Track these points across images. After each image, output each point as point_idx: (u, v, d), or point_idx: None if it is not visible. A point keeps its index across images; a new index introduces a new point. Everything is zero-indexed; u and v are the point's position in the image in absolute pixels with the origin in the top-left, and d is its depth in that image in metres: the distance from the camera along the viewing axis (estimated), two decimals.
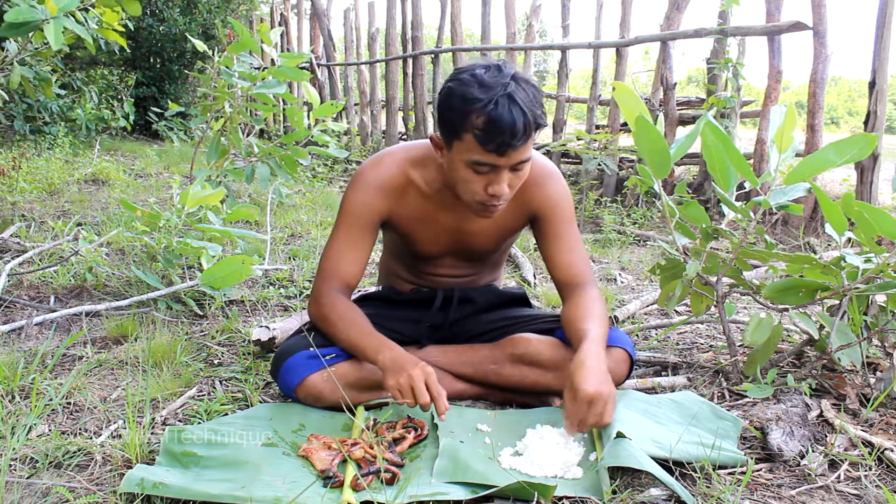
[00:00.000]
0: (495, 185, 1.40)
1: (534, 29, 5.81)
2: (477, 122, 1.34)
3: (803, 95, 3.89)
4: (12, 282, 2.41)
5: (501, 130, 1.32)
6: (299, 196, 4.55)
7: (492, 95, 1.33)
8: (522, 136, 1.34)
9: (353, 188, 1.59)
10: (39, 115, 4.82)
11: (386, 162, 1.59)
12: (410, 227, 1.62)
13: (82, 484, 1.21)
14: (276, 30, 3.04)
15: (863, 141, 1.46)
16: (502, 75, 1.36)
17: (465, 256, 1.70)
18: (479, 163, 1.38)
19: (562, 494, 1.20)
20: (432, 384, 1.37)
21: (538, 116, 1.37)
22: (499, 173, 1.40)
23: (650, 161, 1.59)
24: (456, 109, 1.36)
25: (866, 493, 1.24)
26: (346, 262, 1.58)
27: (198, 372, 1.76)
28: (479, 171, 1.40)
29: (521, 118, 1.33)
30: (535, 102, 1.37)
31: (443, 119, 1.41)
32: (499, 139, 1.33)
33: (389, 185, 1.57)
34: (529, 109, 1.34)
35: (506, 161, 1.38)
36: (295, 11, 9.96)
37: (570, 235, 1.61)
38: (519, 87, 1.35)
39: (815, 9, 3.63)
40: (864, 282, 1.57)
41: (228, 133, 3.13)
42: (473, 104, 1.33)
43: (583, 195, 4.57)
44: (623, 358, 1.57)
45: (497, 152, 1.35)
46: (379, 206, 1.58)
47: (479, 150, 1.36)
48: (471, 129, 1.35)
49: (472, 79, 1.36)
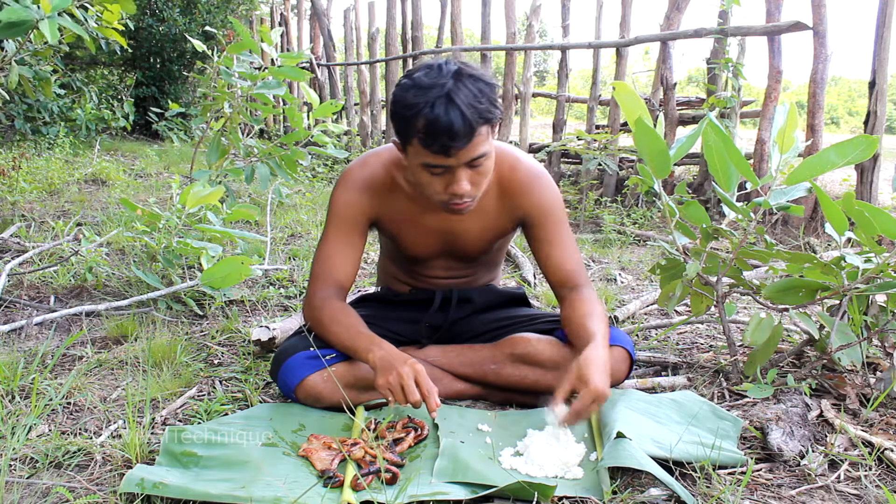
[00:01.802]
0: (454, 185, 1.39)
1: (534, 29, 5.80)
2: (418, 125, 1.32)
3: (803, 95, 3.89)
4: (12, 282, 2.41)
5: (441, 132, 1.30)
6: (299, 196, 4.55)
7: (428, 98, 1.31)
8: (465, 135, 1.32)
9: (339, 189, 1.59)
10: (39, 115, 4.82)
11: (371, 162, 1.59)
12: (397, 228, 1.62)
13: (82, 484, 1.21)
14: (277, 30, 3.04)
15: (864, 143, 1.46)
16: (441, 75, 1.34)
17: (456, 257, 1.69)
18: (431, 165, 1.37)
19: (562, 494, 1.20)
20: (422, 381, 1.36)
21: (483, 111, 1.33)
22: (454, 173, 1.38)
23: (650, 162, 1.59)
24: (399, 115, 1.36)
25: (866, 493, 1.24)
26: (337, 263, 1.58)
27: (198, 372, 1.76)
28: (435, 173, 1.39)
29: (460, 117, 1.30)
30: (479, 97, 1.34)
31: (395, 125, 1.40)
32: (440, 141, 1.31)
33: (374, 185, 1.58)
34: (470, 106, 1.31)
35: (455, 161, 1.36)
36: (295, 11, 9.96)
37: (563, 238, 1.60)
38: (460, 85, 1.32)
39: (815, 9, 3.62)
40: (864, 282, 1.57)
41: (228, 133, 3.13)
42: (412, 109, 1.32)
43: (583, 195, 4.57)
44: (623, 357, 1.57)
45: (443, 153, 1.33)
46: (364, 207, 1.58)
47: (426, 153, 1.35)
48: (415, 134, 1.34)
49: (410, 83, 1.35)
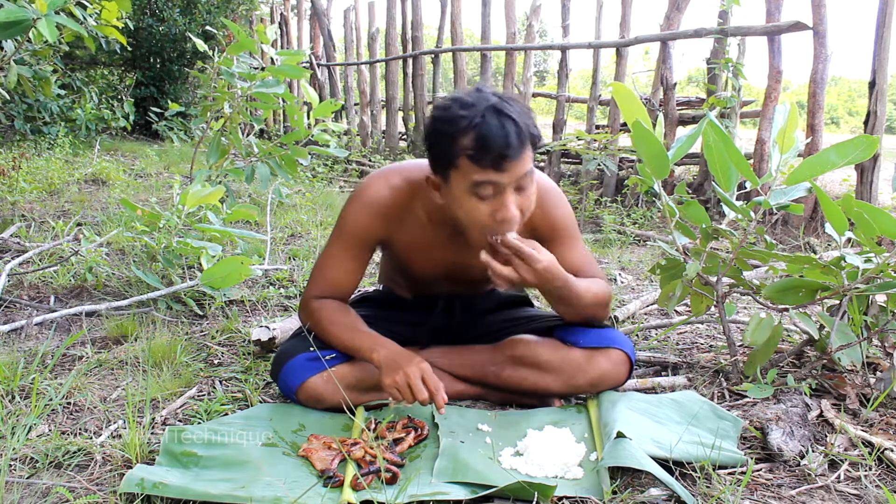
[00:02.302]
0: (503, 210, 1.32)
1: (534, 29, 5.81)
2: (468, 142, 1.27)
3: (803, 95, 3.89)
4: (12, 282, 2.41)
5: (494, 144, 1.26)
6: (299, 196, 4.55)
7: (477, 111, 1.28)
8: (517, 146, 1.28)
9: (354, 205, 1.54)
10: (39, 115, 4.82)
11: (393, 183, 1.52)
12: (406, 252, 1.59)
13: (82, 484, 1.21)
14: (272, 27, 3.03)
15: (864, 143, 1.46)
16: (483, 94, 1.32)
17: (463, 281, 1.67)
18: (480, 183, 1.30)
19: (562, 494, 1.20)
20: (429, 379, 1.36)
21: (531, 127, 1.31)
22: (504, 194, 1.32)
23: (649, 163, 1.59)
24: (444, 135, 1.30)
25: (866, 493, 1.24)
26: (339, 275, 1.56)
27: (198, 372, 1.76)
28: (483, 196, 1.32)
29: (513, 126, 1.27)
30: (525, 114, 1.32)
31: (433, 153, 1.35)
32: (493, 153, 1.26)
33: (389, 210, 1.52)
34: (520, 119, 1.29)
35: (507, 177, 1.30)
36: (295, 11, 9.97)
37: (577, 251, 1.59)
38: (504, 101, 1.31)
39: (815, 9, 3.63)
40: (864, 282, 1.57)
41: (228, 133, 3.13)
42: (459, 123, 1.28)
43: (583, 195, 4.57)
44: (622, 360, 1.56)
45: (494, 167, 1.28)
46: (376, 229, 1.53)
47: (476, 169, 1.28)
48: (463, 152, 1.28)
49: (452, 102, 1.31)
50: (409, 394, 1.36)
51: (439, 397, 1.36)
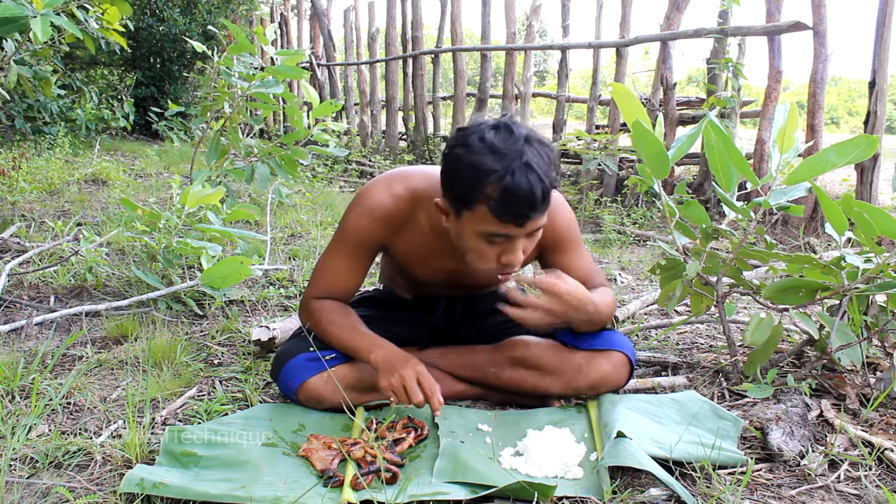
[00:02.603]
0: (510, 255, 1.32)
1: (534, 29, 5.81)
2: (492, 193, 1.24)
3: (803, 95, 3.89)
4: (12, 282, 2.41)
5: (520, 202, 1.23)
6: (299, 196, 4.55)
7: (507, 164, 1.23)
8: (541, 205, 1.26)
9: (356, 209, 1.52)
10: (39, 115, 4.81)
11: (395, 191, 1.50)
12: (407, 259, 1.58)
13: (82, 484, 1.21)
14: (271, 26, 3.04)
15: (864, 142, 1.46)
16: (514, 139, 1.26)
17: (464, 285, 1.67)
18: (495, 234, 1.29)
19: (562, 494, 1.20)
20: (425, 382, 1.36)
21: (553, 180, 1.27)
22: (513, 242, 1.32)
23: (649, 163, 1.59)
24: (467, 179, 1.26)
25: (866, 493, 1.24)
26: (339, 279, 1.56)
27: (198, 372, 1.76)
28: (493, 242, 1.32)
29: (540, 186, 1.24)
30: (551, 164, 1.28)
31: (451, 188, 1.31)
32: (516, 210, 1.24)
33: (392, 217, 1.50)
34: (546, 175, 1.25)
35: (522, 231, 1.29)
36: (295, 11, 9.96)
37: (582, 258, 1.59)
38: (533, 151, 1.26)
39: (815, 9, 3.63)
40: (864, 282, 1.57)
41: (228, 133, 3.13)
42: (488, 175, 1.23)
43: (583, 195, 4.57)
44: (623, 362, 1.56)
45: (514, 223, 1.27)
46: (376, 234, 1.52)
47: (495, 221, 1.26)
48: (485, 201, 1.25)
49: (482, 145, 1.25)
50: (404, 396, 1.36)
51: (435, 400, 1.36)
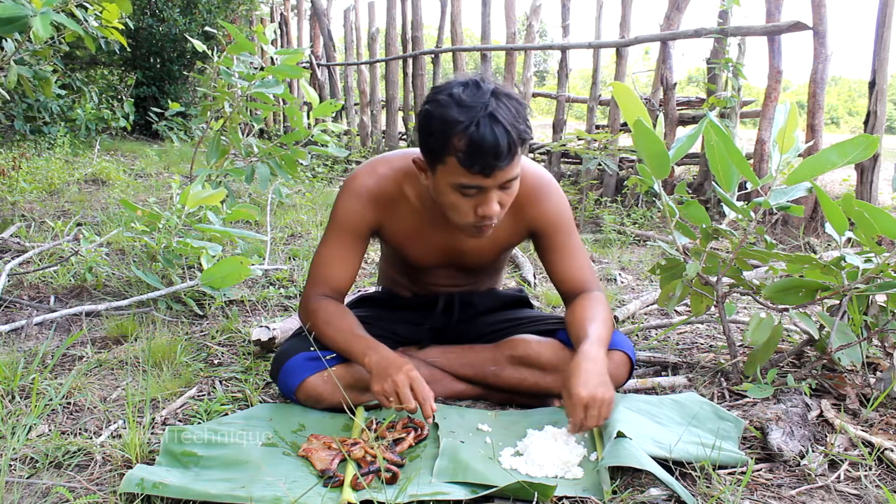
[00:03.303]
0: (485, 206, 1.36)
1: (534, 29, 5.81)
2: (459, 144, 1.29)
3: (803, 95, 3.89)
4: (12, 282, 2.41)
5: (485, 152, 1.27)
6: (299, 196, 4.55)
7: (472, 115, 1.27)
8: (507, 155, 1.29)
9: (344, 195, 1.56)
10: (39, 115, 4.82)
11: (379, 171, 1.55)
12: (401, 240, 1.60)
13: (82, 484, 1.21)
14: (271, 26, 3.04)
15: (865, 142, 1.46)
16: (481, 92, 1.31)
17: (461, 268, 1.68)
18: (466, 186, 1.33)
19: (562, 494, 1.20)
20: (417, 388, 1.35)
21: (522, 132, 1.31)
22: (487, 194, 1.35)
23: (649, 163, 1.59)
24: (436, 133, 1.31)
25: (866, 493, 1.24)
26: (335, 269, 1.57)
27: (198, 372, 1.76)
28: (467, 194, 1.35)
29: (505, 137, 1.28)
30: (519, 117, 1.32)
31: (423, 143, 1.36)
32: (482, 161, 1.28)
33: (380, 195, 1.54)
34: (513, 126, 1.29)
35: (493, 182, 1.33)
36: (295, 11, 9.96)
37: (571, 247, 1.59)
38: (500, 104, 1.30)
39: (815, 9, 3.62)
40: (864, 282, 1.57)
41: (228, 133, 3.13)
42: (454, 126, 1.28)
43: (583, 195, 4.57)
44: (623, 361, 1.56)
45: (483, 174, 1.30)
46: (367, 217, 1.55)
47: (464, 172, 1.31)
48: (453, 153, 1.30)
49: (449, 99, 1.31)
50: (396, 402, 1.36)
51: (427, 407, 1.35)
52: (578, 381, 1.32)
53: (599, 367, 1.36)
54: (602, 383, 1.33)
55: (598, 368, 1.35)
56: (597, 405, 1.30)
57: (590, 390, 1.30)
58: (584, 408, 1.30)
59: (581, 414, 1.30)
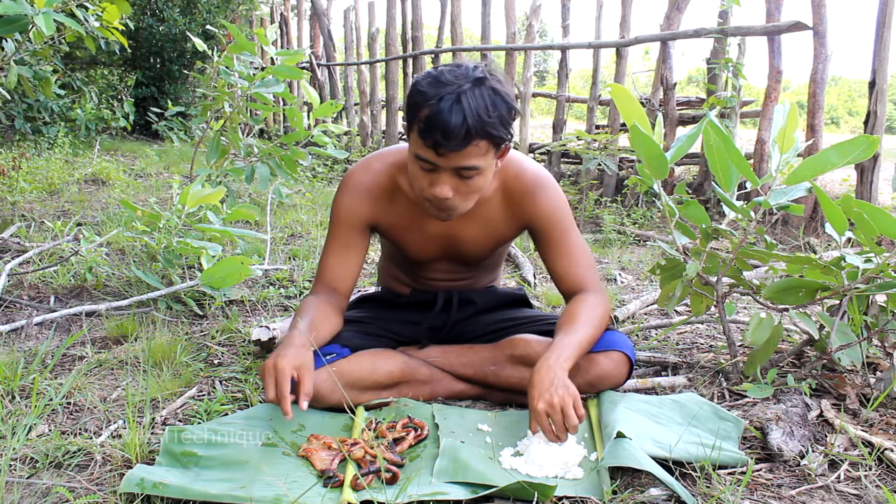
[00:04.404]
0: (435, 186, 1.39)
1: (534, 29, 5.80)
2: (421, 115, 1.33)
3: (803, 95, 3.89)
4: (12, 282, 2.41)
5: (437, 127, 1.30)
6: (299, 196, 4.55)
7: (441, 93, 1.31)
8: (460, 139, 1.30)
9: (340, 193, 1.59)
10: (39, 115, 4.81)
11: (374, 166, 1.59)
12: (398, 233, 1.61)
13: (82, 484, 1.22)
14: (272, 27, 3.04)
15: (865, 143, 1.46)
16: (465, 77, 1.33)
17: (458, 261, 1.69)
18: (420, 158, 1.37)
19: (562, 494, 1.20)
20: (281, 382, 1.31)
21: (487, 124, 1.31)
22: (439, 174, 1.38)
23: (647, 165, 1.59)
24: (411, 102, 1.37)
25: (866, 493, 1.24)
26: (335, 268, 1.58)
27: (198, 372, 1.76)
28: (423, 168, 1.39)
29: (462, 120, 1.29)
30: (489, 110, 1.31)
31: (405, 112, 1.42)
32: (433, 136, 1.31)
33: (375, 190, 1.57)
34: (476, 115, 1.30)
35: (444, 161, 1.35)
36: (295, 11, 9.96)
37: (569, 245, 1.58)
38: (476, 92, 1.31)
39: (815, 9, 3.62)
40: (864, 282, 1.57)
41: (228, 133, 3.13)
42: (422, 97, 1.33)
43: (583, 195, 4.57)
44: (622, 361, 1.56)
45: (434, 150, 1.33)
46: (364, 211, 1.57)
47: (420, 144, 1.35)
48: (417, 122, 1.35)
49: (434, 74, 1.36)
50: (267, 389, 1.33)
51: (284, 405, 1.30)
52: (533, 395, 1.32)
53: (553, 372, 1.34)
54: (556, 388, 1.31)
55: (551, 374, 1.33)
56: (556, 411, 1.29)
57: (545, 400, 1.30)
58: (546, 416, 1.30)
59: (546, 424, 1.30)
